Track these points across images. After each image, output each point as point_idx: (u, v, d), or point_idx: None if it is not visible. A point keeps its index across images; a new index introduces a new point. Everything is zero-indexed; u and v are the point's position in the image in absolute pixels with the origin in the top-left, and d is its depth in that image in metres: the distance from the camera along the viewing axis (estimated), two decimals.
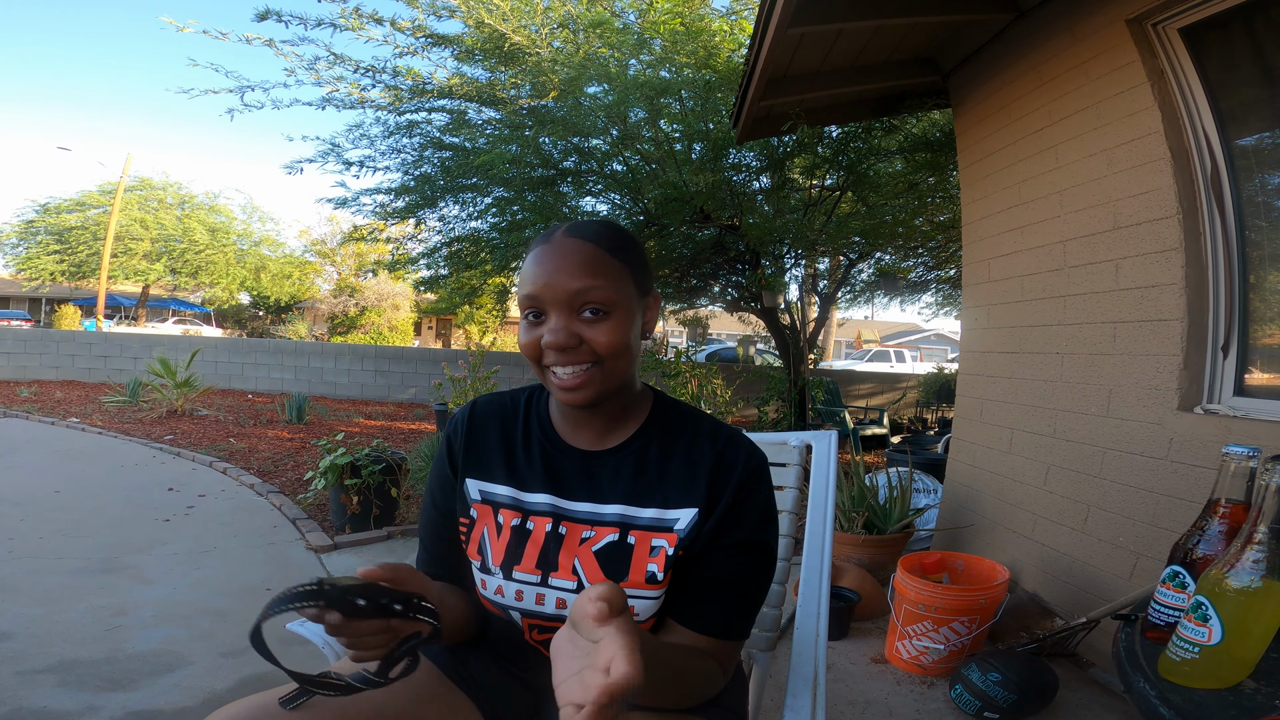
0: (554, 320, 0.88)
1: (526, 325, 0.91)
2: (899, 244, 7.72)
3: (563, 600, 0.94)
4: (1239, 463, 1.02)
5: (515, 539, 0.96)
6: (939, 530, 3.41)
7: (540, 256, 0.90)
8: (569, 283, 0.87)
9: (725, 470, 0.94)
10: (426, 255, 7.45)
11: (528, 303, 0.90)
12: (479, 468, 1.02)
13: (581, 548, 0.94)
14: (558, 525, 0.96)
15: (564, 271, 0.88)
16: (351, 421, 8.30)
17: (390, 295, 24.78)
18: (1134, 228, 2.41)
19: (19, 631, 2.43)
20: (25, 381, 10.28)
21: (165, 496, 4.44)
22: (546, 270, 0.88)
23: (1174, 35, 2.29)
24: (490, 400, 1.08)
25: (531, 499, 0.98)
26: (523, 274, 0.92)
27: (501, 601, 0.97)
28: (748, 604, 0.95)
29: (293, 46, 5.43)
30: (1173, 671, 0.94)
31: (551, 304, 0.88)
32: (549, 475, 0.98)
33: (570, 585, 0.93)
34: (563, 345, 0.87)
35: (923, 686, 2.33)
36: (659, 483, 0.95)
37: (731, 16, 5.76)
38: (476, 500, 1.00)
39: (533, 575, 0.94)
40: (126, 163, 20.89)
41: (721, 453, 0.95)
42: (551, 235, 0.92)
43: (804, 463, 1.42)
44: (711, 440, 0.96)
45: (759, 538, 0.94)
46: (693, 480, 0.94)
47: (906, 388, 12.45)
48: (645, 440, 0.98)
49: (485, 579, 0.97)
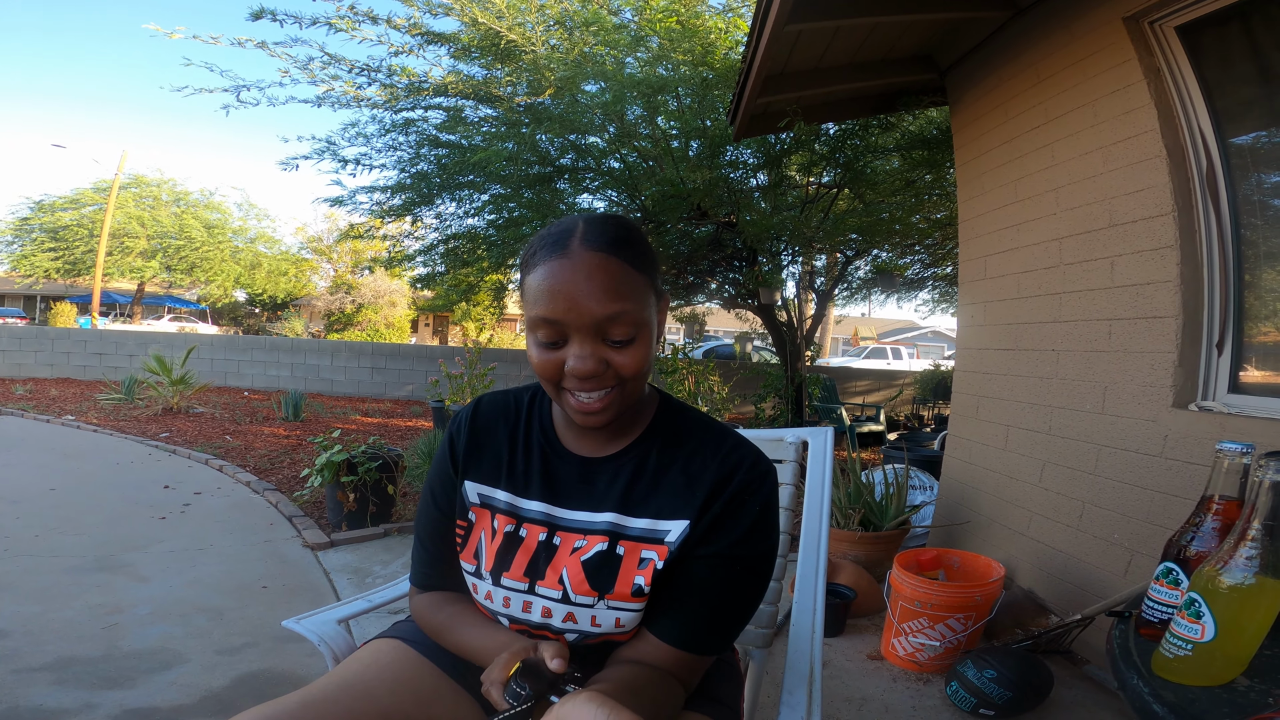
0: (578, 347, 0.82)
1: (541, 347, 0.84)
2: (896, 241, 7.72)
3: (548, 609, 0.92)
4: (1232, 459, 1.02)
5: (506, 545, 0.95)
6: (935, 527, 3.42)
7: (557, 272, 0.81)
8: (595, 309, 0.80)
9: (722, 482, 0.90)
10: (423, 252, 7.45)
11: (546, 327, 0.82)
12: (479, 470, 1.00)
13: (571, 557, 0.92)
14: (552, 535, 0.94)
15: (590, 296, 0.80)
16: (348, 419, 8.29)
17: (387, 292, 24.74)
18: (1130, 225, 2.41)
19: (15, 629, 2.43)
20: (20, 379, 10.25)
21: (161, 494, 4.43)
22: (567, 291, 0.80)
23: (1170, 33, 2.29)
24: (494, 400, 1.05)
25: (528, 506, 0.96)
26: (534, 288, 0.83)
27: (491, 607, 0.96)
28: (724, 619, 0.91)
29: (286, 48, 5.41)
30: (1166, 669, 0.94)
31: (576, 330, 0.82)
32: (546, 482, 0.96)
33: (556, 595, 0.91)
34: (590, 373, 0.82)
35: (918, 683, 2.34)
36: (654, 492, 0.92)
37: (728, 14, 5.75)
38: (475, 504, 0.98)
39: (520, 583, 0.93)
40: (121, 160, 20.86)
41: (722, 464, 0.91)
42: (567, 245, 0.82)
43: (800, 459, 1.42)
44: (714, 450, 0.92)
45: (745, 552, 0.89)
46: (689, 492, 0.90)
47: (903, 385, 12.47)
48: (646, 447, 0.95)
49: (477, 584, 0.96)
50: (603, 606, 0.89)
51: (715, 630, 0.91)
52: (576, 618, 0.91)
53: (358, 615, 1.32)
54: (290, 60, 5.46)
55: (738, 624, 0.93)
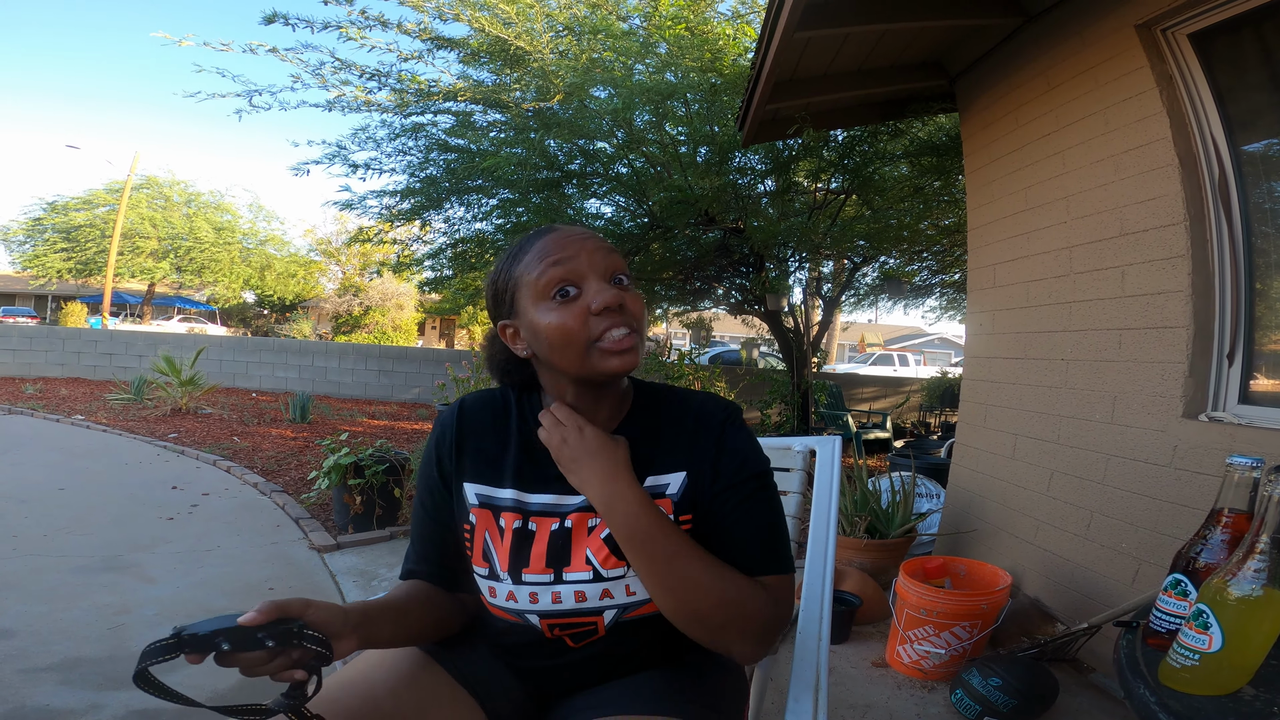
0: (597, 285, 0.90)
1: (559, 304, 0.90)
2: (903, 248, 7.71)
3: (581, 593, 0.93)
4: (1242, 473, 1.03)
5: (517, 542, 0.95)
6: (941, 535, 3.40)
7: (557, 239, 0.93)
8: (600, 254, 0.92)
9: (704, 429, 0.97)
10: (431, 256, 7.47)
11: (559, 279, 0.90)
12: (475, 471, 1.00)
13: (590, 537, 0.94)
14: (563, 522, 0.95)
15: (592, 244, 0.93)
16: (355, 421, 8.32)
17: (394, 295, 24.86)
18: (1141, 234, 2.40)
19: (22, 629, 2.44)
20: (31, 378, 10.33)
21: (169, 495, 4.46)
22: (573, 247, 0.92)
23: (1183, 41, 2.28)
24: (479, 398, 1.06)
25: (535, 499, 0.97)
26: (534, 260, 0.93)
27: (515, 607, 0.95)
28: (777, 533, 0.96)
29: (297, 53, 5.44)
30: (1173, 678, 0.94)
31: (590, 273, 0.90)
32: (551, 474, 0.97)
33: (586, 575, 0.93)
34: (616, 302, 0.89)
35: (923, 691, 2.33)
36: (649, 454, 0.97)
37: (736, 20, 5.77)
38: (475, 505, 0.98)
39: (544, 575, 0.94)
40: (134, 161, 21.02)
41: (698, 413, 0.99)
42: (554, 227, 0.96)
43: (808, 468, 1.42)
44: (688, 405, 1.01)
45: (752, 471, 0.96)
46: (677, 444, 0.97)
47: (910, 391, 12.44)
48: (633, 421, 1.01)
49: (494, 586, 0.96)
50: (633, 575, 0.92)
51: (779, 545, 0.96)
52: (612, 592, 0.93)
53: None
54: (301, 65, 5.49)
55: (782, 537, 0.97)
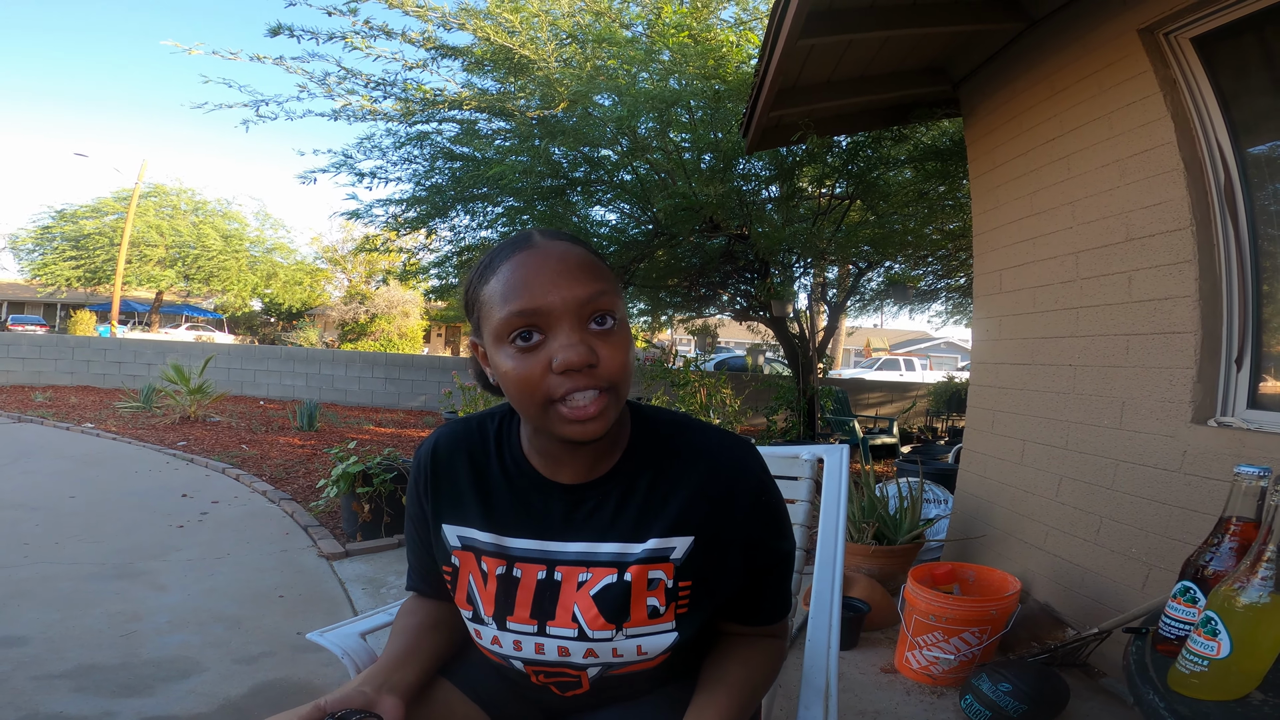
0: (564, 335, 0.74)
1: (518, 351, 0.76)
2: (908, 253, 7.71)
3: (565, 649, 0.87)
4: (1250, 482, 1.04)
5: (503, 588, 0.89)
6: (950, 541, 3.40)
7: (527, 262, 0.77)
8: (576, 290, 0.75)
9: (731, 501, 0.87)
10: (437, 264, 7.51)
11: (520, 320, 0.75)
12: (454, 512, 0.93)
13: (579, 593, 0.86)
14: (551, 571, 0.88)
15: (568, 276, 0.75)
16: (362, 429, 8.35)
17: (400, 302, 24.96)
18: (1147, 239, 2.40)
19: (35, 636, 2.46)
20: (40, 386, 10.40)
21: (179, 503, 4.48)
22: (543, 279, 0.75)
23: (1186, 45, 2.29)
24: (453, 434, 0.96)
25: (515, 544, 0.90)
26: (500, 288, 0.77)
27: (500, 651, 0.91)
28: (788, 582, 0.99)
29: (303, 63, 5.49)
30: (1182, 684, 0.95)
31: (561, 315, 0.75)
32: (532, 518, 0.89)
33: (571, 633, 0.87)
34: (583, 361, 0.73)
35: (932, 696, 2.32)
36: (652, 512, 0.87)
37: (739, 28, 5.79)
38: (457, 547, 0.92)
39: (528, 625, 0.88)
40: (142, 169, 21.14)
41: (718, 476, 0.87)
42: (529, 240, 0.80)
43: (815, 476, 1.42)
44: (703, 454, 0.88)
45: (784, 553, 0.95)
46: (691, 505, 0.86)
47: (916, 396, 12.40)
48: (632, 466, 0.88)
49: (479, 629, 0.91)
50: (621, 638, 0.86)
51: (788, 593, 0.99)
52: (597, 652, 0.88)
53: (379, 629, 1.33)
54: (307, 75, 5.55)
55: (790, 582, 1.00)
